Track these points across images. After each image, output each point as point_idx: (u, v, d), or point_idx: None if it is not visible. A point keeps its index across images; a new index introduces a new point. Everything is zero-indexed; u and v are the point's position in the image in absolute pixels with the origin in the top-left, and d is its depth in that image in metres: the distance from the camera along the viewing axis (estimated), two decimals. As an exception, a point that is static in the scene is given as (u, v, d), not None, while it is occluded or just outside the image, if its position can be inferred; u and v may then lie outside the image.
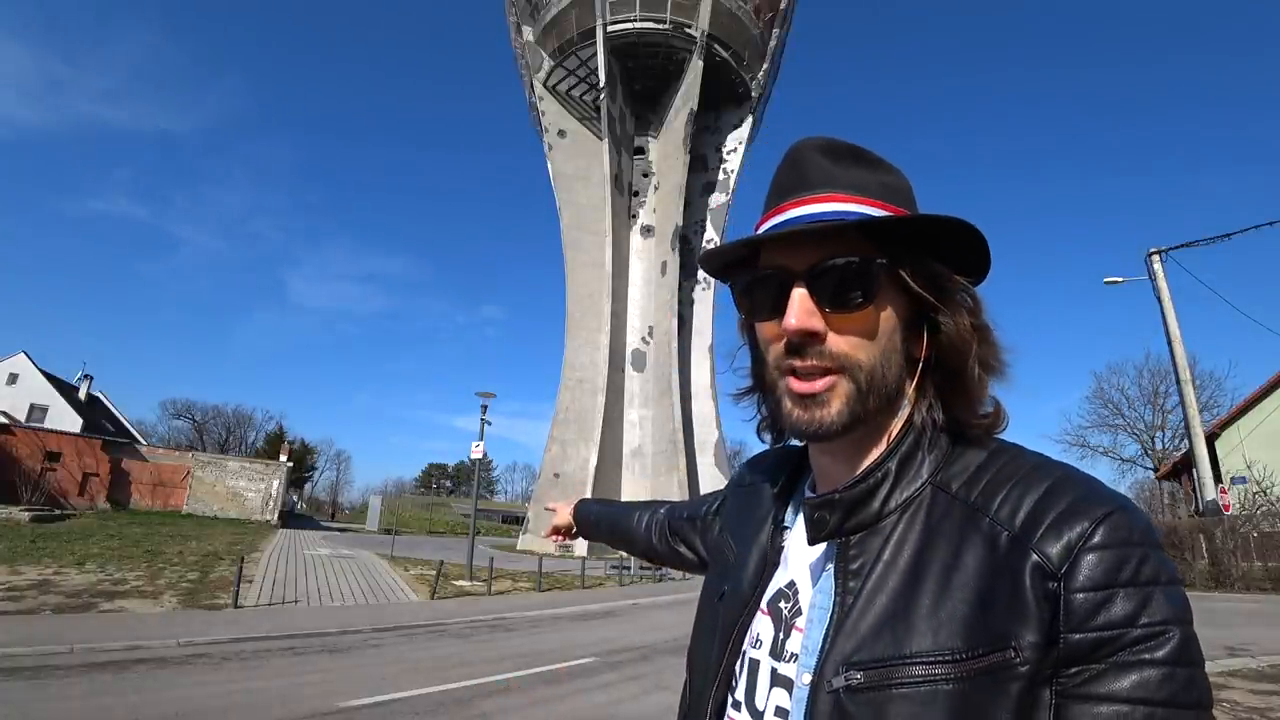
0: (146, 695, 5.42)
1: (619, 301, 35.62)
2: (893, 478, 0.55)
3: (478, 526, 21.58)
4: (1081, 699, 0.45)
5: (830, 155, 0.58)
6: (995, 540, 0.49)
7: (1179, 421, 28.82)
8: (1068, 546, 0.47)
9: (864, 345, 0.55)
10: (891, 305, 0.57)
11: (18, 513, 21.11)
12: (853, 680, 0.49)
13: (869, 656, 0.49)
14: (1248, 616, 10.84)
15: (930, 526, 0.53)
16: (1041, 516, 0.48)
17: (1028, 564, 0.47)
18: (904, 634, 0.49)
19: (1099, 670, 0.45)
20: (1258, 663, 6.90)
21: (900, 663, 0.48)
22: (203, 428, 63.90)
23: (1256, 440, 20.88)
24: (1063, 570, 0.46)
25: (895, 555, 0.53)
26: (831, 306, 0.54)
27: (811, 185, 0.57)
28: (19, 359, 39.88)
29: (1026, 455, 0.55)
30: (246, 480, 34.02)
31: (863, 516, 0.55)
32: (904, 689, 0.47)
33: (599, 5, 34.17)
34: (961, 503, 0.52)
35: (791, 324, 0.54)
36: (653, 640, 9.01)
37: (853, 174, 0.57)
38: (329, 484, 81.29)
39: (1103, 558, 0.46)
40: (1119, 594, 0.45)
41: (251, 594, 11.16)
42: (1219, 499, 16.80)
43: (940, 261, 0.57)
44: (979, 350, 0.57)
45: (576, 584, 16.42)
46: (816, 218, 0.55)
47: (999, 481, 0.52)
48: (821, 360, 0.55)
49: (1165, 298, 18.25)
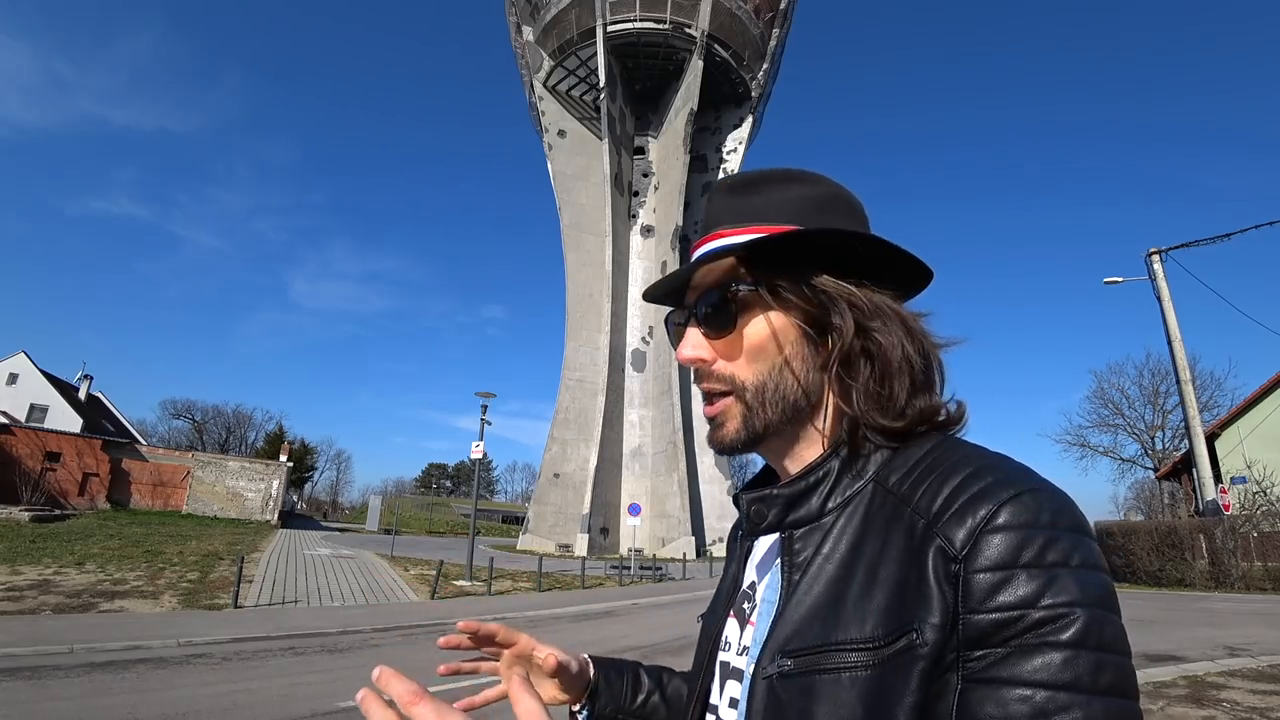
0: (146, 695, 5.42)
1: (619, 301, 35.64)
2: (834, 476, 0.57)
3: (478, 526, 21.60)
4: (985, 683, 0.44)
5: (733, 190, 0.62)
6: (913, 528, 0.50)
7: (1179, 421, 28.91)
8: (970, 530, 0.47)
9: (746, 366, 0.59)
10: (772, 322, 0.59)
11: (18, 513, 21.13)
12: (784, 667, 0.51)
13: (800, 645, 0.51)
14: (1248, 616, 10.83)
15: (866, 520, 0.54)
16: (952, 502, 0.49)
17: (931, 547, 0.48)
18: (833, 622, 0.50)
19: (1002, 654, 0.44)
20: (1258, 663, 6.90)
21: (827, 649, 0.49)
22: (203, 428, 63.95)
23: (1256, 440, 20.89)
24: (963, 553, 0.46)
25: (833, 548, 0.54)
26: (711, 334, 0.60)
27: (711, 224, 0.63)
28: (19, 359, 39.92)
29: (964, 448, 0.55)
30: (246, 480, 34.03)
31: (804, 513, 0.57)
32: (828, 674, 0.48)
33: (599, 5, 34.18)
34: (893, 495, 0.53)
35: (682, 355, 0.61)
36: (653, 640, 9.01)
37: (745, 203, 0.61)
38: (329, 484, 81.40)
39: (1005, 539, 0.46)
40: (1020, 575, 0.45)
41: (251, 594, 11.16)
42: (1219, 499, 16.80)
43: (832, 268, 0.58)
44: (874, 349, 0.57)
45: (576, 584, 16.42)
46: (703, 255, 0.60)
47: (925, 473, 0.53)
48: (713, 383, 0.61)
49: (1165, 298, 18.26)
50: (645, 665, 0.85)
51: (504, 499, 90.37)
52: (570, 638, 9.22)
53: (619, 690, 0.80)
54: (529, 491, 58.92)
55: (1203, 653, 7.42)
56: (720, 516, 33.31)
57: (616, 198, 35.84)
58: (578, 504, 32.19)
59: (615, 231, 35.35)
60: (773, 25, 38.21)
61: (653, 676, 0.83)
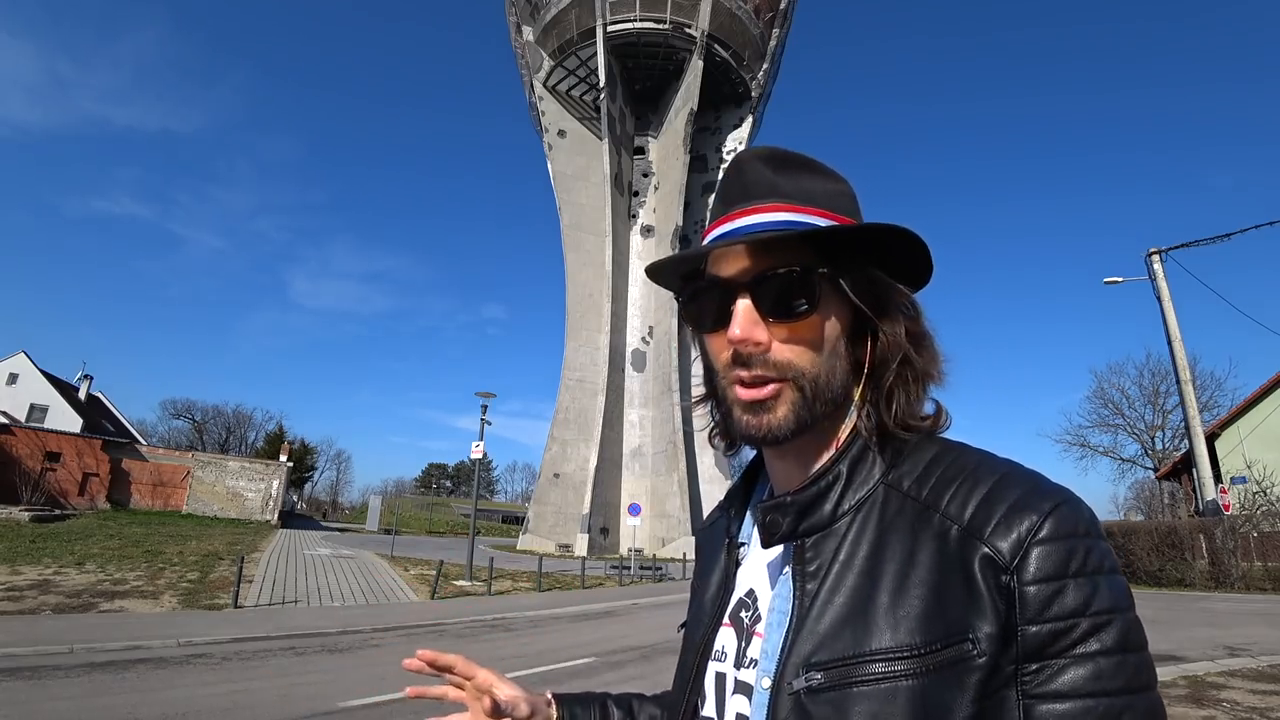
0: (146, 695, 5.43)
1: (619, 301, 35.63)
2: (844, 480, 0.56)
3: (478, 526, 21.59)
4: (1047, 698, 0.46)
5: (773, 164, 0.59)
6: (946, 535, 0.50)
7: (1179, 421, 28.89)
8: (1018, 540, 0.48)
9: (807, 353, 0.56)
10: (834, 313, 0.57)
11: (18, 513, 21.13)
12: (813, 681, 0.49)
13: (828, 656, 0.50)
14: (1248, 616, 10.83)
15: (884, 525, 0.53)
16: (991, 511, 0.50)
17: (977, 556, 0.48)
18: (863, 632, 0.49)
19: (1059, 665, 0.46)
20: (1258, 663, 6.90)
21: (860, 660, 0.48)
22: (203, 428, 63.92)
23: (1256, 440, 20.89)
24: (1014, 564, 0.47)
25: (851, 555, 0.53)
26: (774, 316, 0.55)
27: (755, 195, 0.58)
28: (19, 359, 39.91)
29: (972, 451, 0.57)
30: (246, 480, 34.03)
31: (816, 519, 0.56)
32: (864, 686, 0.47)
33: (599, 5, 34.17)
34: (913, 500, 0.53)
35: (736, 334, 0.55)
36: (653, 640, 9.00)
37: (795, 183, 0.58)
38: (329, 484, 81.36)
39: (1053, 550, 0.48)
40: (1070, 584, 0.47)
41: (251, 594, 11.16)
42: (1219, 499, 16.80)
43: (882, 269, 0.58)
44: (917, 357, 0.58)
45: (576, 584, 16.43)
46: (759, 228, 0.56)
47: (948, 479, 0.53)
48: (767, 369, 0.55)
49: (1165, 297, 18.26)
50: (614, 695, 0.81)
51: (504, 499, 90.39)
52: (570, 638, 9.22)
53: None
54: (529, 491, 58.95)
55: (1203, 653, 7.42)
56: (720, 516, 33.22)
57: (616, 198, 35.84)
58: (578, 504, 32.19)
59: (615, 231, 35.35)
60: (773, 25, 38.21)
61: (622, 706, 0.79)
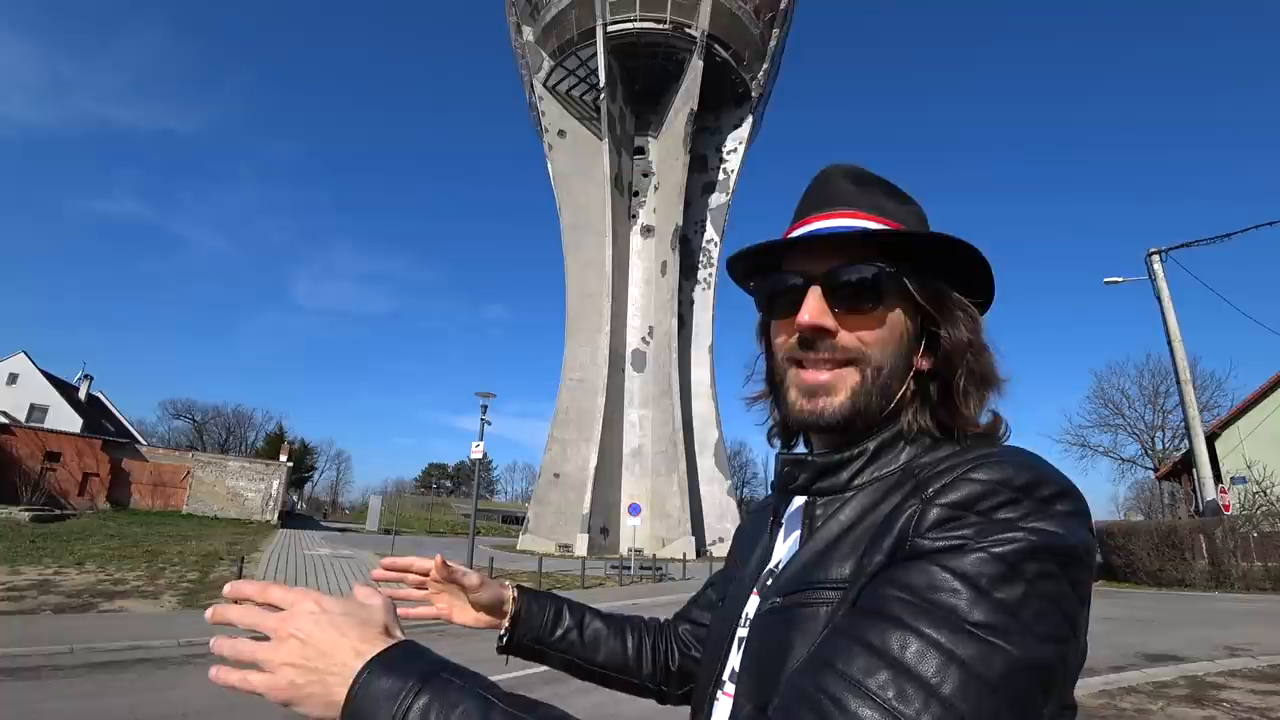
0: (146, 695, 5.43)
1: (619, 301, 35.60)
2: (869, 457, 0.60)
3: (478, 526, 21.60)
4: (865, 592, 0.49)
5: (853, 179, 0.67)
6: (906, 491, 0.53)
7: (1179, 421, 28.82)
8: (948, 480, 0.50)
9: (871, 343, 0.60)
10: (898, 312, 0.62)
11: (18, 513, 21.14)
12: (775, 604, 0.57)
13: (791, 586, 0.57)
14: (1248, 616, 10.83)
15: (883, 494, 0.58)
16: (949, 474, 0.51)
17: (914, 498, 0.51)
18: (817, 567, 0.56)
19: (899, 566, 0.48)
20: (1258, 663, 6.91)
21: (809, 588, 0.55)
22: (203, 428, 63.92)
23: (1256, 440, 20.86)
24: (930, 492, 0.49)
25: (844, 513, 0.59)
26: (844, 307, 0.60)
27: (836, 203, 0.65)
28: (19, 359, 39.89)
29: (1009, 448, 0.56)
30: (246, 480, 34.04)
31: (831, 482, 0.61)
32: (807, 608, 0.54)
33: (599, 5, 34.17)
34: (913, 476, 0.56)
35: (805, 319, 0.60)
36: (653, 640, 9.00)
37: (873, 198, 0.65)
38: (329, 484, 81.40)
39: (971, 488, 0.48)
40: (970, 517, 0.46)
41: (251, 594, 11.15)
42: (1219, 499, 16.81)
43: (945, 280, 0.63)
44: (973, 365, 0.61)
45: (576, 584, 16.42)
46: (838, 230, 0.63)
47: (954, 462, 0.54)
48: (832, 354, 0.60)
49: (1165, 298, 18.26)
50: (570, 601, 0.90)
51: (504, 499, 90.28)
52: (570, 638, 9.21)
53: (540, 621, 0.86)
54: (529, 491, 58.87)
55: (1203, 653, 7.42)
56: (720, 516, 33.31)
57: (616, 198, 35.82)
58: (578, 504, 32.18)
59: (615, 231, 35.32)
60: (773, 25, 38.20)
61: (575, 613, 0.89)
